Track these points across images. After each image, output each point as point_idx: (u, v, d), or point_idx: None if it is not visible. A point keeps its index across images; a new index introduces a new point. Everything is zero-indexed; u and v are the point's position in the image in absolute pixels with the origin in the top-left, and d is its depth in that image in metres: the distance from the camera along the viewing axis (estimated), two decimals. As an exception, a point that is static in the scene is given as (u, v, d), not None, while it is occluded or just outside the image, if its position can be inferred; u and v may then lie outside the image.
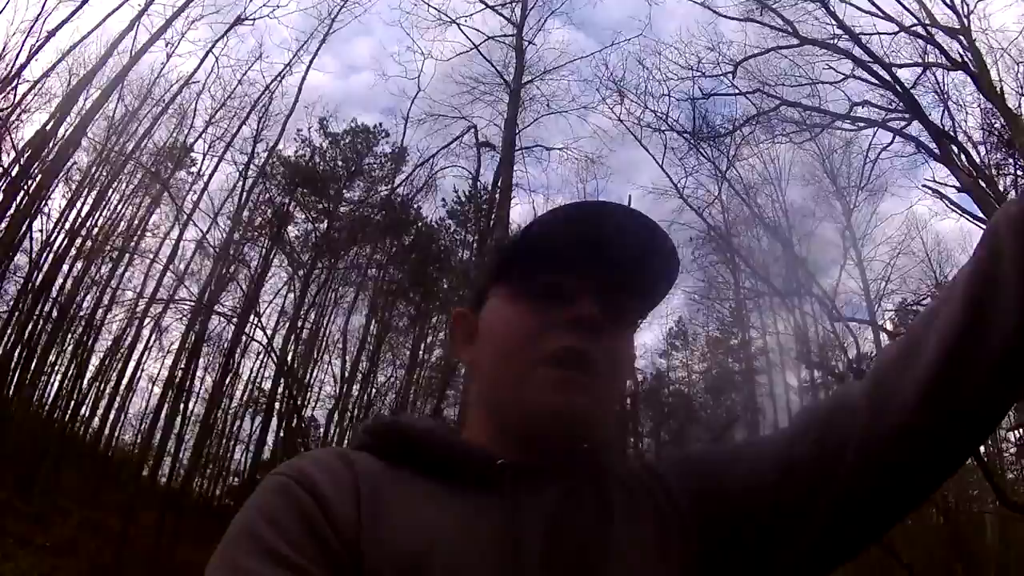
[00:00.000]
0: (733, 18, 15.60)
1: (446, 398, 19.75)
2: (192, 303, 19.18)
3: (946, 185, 13.85)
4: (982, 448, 12.00)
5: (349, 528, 0.81)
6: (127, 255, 20.08)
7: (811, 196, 20.60)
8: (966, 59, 13.60)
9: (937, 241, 20.45)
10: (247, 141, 20.95)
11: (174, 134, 20.83)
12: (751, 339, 23.28)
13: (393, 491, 0.87)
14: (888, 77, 13.44)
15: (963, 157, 12.92)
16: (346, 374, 21.35)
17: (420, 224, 23.37)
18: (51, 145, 16.83)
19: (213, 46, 19.71)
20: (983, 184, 12.64)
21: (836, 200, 20.26)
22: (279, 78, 20.90)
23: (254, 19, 19.72)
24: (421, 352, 23.73)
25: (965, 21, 14.17)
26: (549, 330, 0.92)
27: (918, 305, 20.45)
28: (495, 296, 1.00)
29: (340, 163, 24.11)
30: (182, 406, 19.67)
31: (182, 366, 19.54)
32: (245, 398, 22.36)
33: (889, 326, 19.25)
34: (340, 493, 0.85)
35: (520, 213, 17.59)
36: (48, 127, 16.56)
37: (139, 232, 20.99)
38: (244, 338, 19.81)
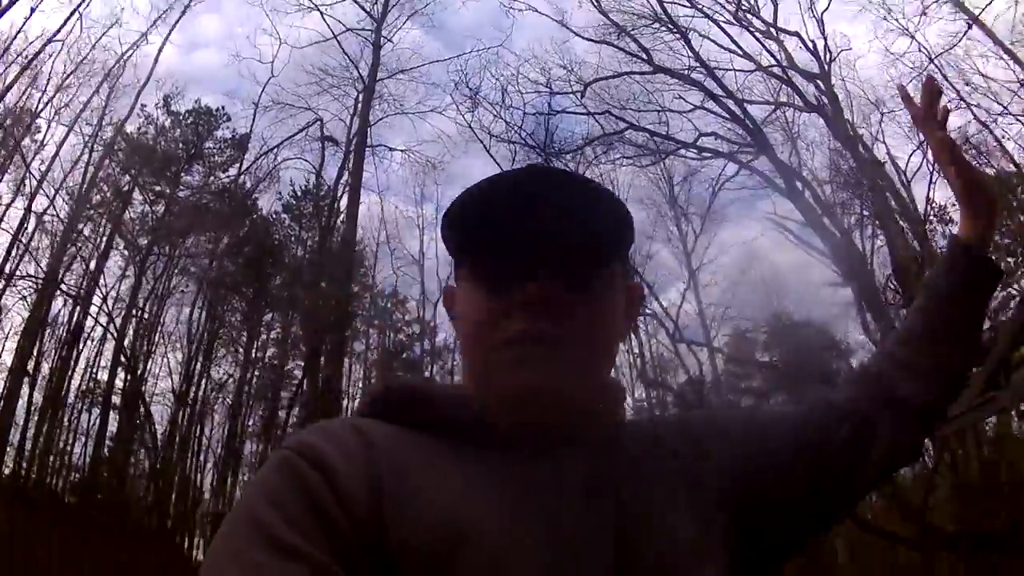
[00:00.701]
0: (589, 39, 16.04)
1: (279, 400, 19.25)
2: (39, 279, 17.93)
3: (789, 219, 14.44)
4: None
5: (363, 504, 0.78)
6: None
7: (651, 220, 21.03)
8: (822, 102, 14.22)
9: (775, 272, 21.31)
10: (95, 112, 19.82)
11: (24, 96, 19.25)
12: None
13: (416, 459, 0.85)
14: (739, 112, 13.89)
15: (808, 193, 13.39)
16: (189, 368, 20.47)
17: (256, 216, 22.51)
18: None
19: (80, 5, 18.61)
20: (827, 221, 13.19)
21: (674, 226, 20.99)
22: (134, 47, 19.90)
23: None
24: (255, 351, 22.78)
25: (825, 67, 14.86)
26: (506, 315, 0.91)
27: (751, 333, 21.53)
28: (461, 277, 1.00)
29: (181, 145, 22.73)
30: (25, 393, 18.14)
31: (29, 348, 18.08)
32: (83, 388, 20.68)
33: (725, 350, 20.10)
34: (353, 467, 0.81)
35: (363, 211, 17.36)
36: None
37: None
38: (87, 321, 18.81)
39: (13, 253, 18.13)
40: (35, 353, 18.42)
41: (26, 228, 18.51)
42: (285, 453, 0.82)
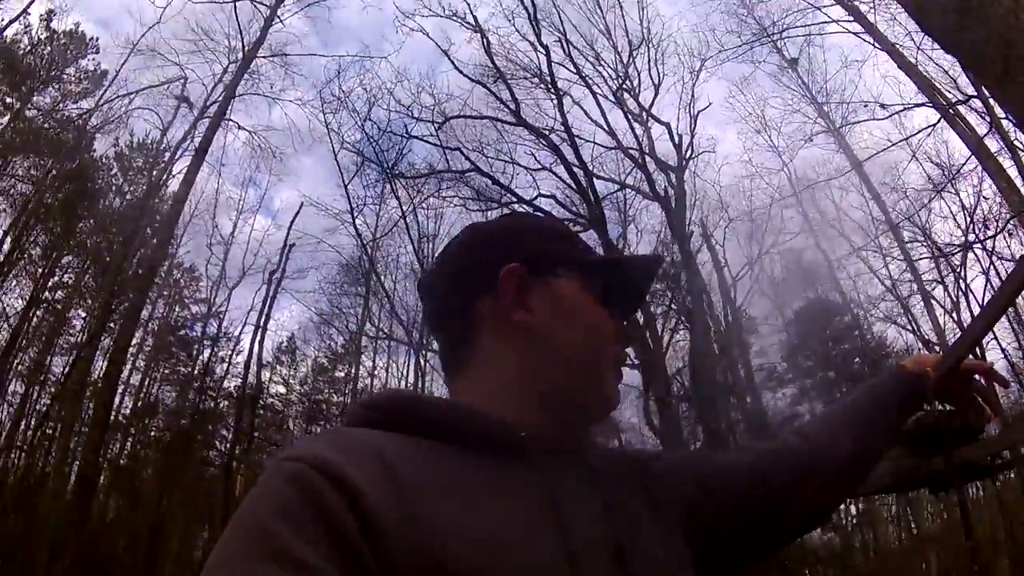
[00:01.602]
0: (467, 76, 16.21)
1: (53, 345, 18.22)
2: None
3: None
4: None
5: (389, 530, 0.73)
6: None
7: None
8: (668, 194, 14.88)
9: None
10: None
11: None
12: (358, 376, 23.97)
13: (435, 474, 0.82)
14: (585, 183, 14.37)
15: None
16: None
17: (88, 156, 21.57)
18: None
19: None
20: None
21: None
22: None
23: None
24: (45, 289, 21.47)
25: (684, 162, 15.58)
26: (616, 338, 1.05)
27: None
28: (569, 280, 1.03)
29: (45, 63, 21.60)
30: None
31: None
32: None
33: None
34: (375, 488, 0.75)
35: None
36: None
37: None
38: None
39: None
40: None
41: None
42: (298, 467, 0.75)
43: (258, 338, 20.16)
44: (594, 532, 0.88)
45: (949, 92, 13.12)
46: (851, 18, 14.63)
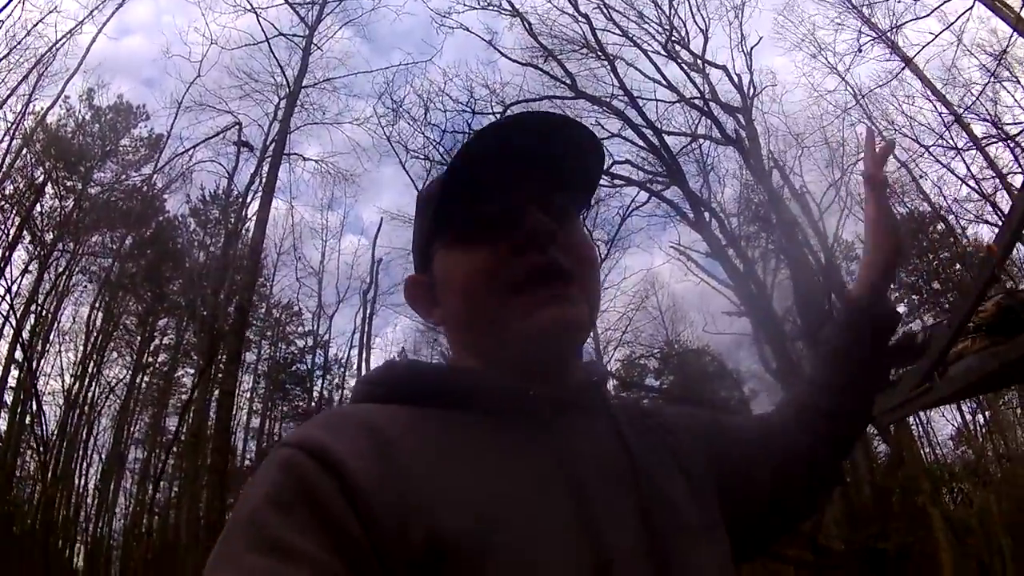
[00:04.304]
0: (516, 61, 16.34)
1: (167, 407, 18.86)
2: None
3: (693, 250, 14.98)
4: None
5: (381, 506, 0.73)
6: None
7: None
8: (740, 135, 14.83)
9: (673, 301, 21.91)
10: (21, 99, 19.39)
11: None
12: None
13: (433, 443, 0.82)
14: (656, 142, 14.39)
15: (715, 224, 13.90)
16: (84, 369, 20.00)
17: (162, 218, 22.45)
18: None
19: None
20: (731, 251, 13.71)
21: None
22: (69, 35, 19.47)
23: None
24: (147, 355, 22.45)
25: (748, 101, 15.49)
26: (510, 258, 0.91)
27: (645, 358, 22.05)
28: (441, 248, 0.98)
29: (98, 140, 22.57)
30: None
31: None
32: None
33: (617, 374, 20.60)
34: (360, 459, 0.76)
35: (273, 218, 17.39)
36: None
37: None
38: None
39: None
40: None
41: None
42: (288, 452, 0.77)
43: (364, 358, 20.59)
44: (613, 491, 0.87)
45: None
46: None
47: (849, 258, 20.42)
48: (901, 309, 22.01)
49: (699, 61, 16.17)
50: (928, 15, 12.28)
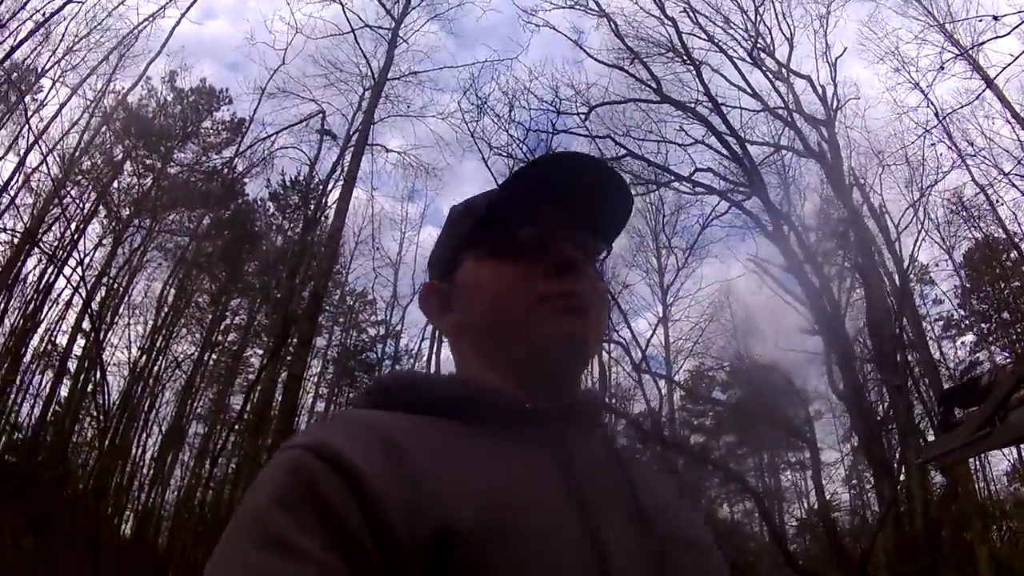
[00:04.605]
0: (602, 62, 16.32)
1: (232, 385, 19.18)
2: (17, 233, 18.20)
3: (770, 263, 14.86)
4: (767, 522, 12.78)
5: (380, 493, 0.75)
6: None
7: (632, 248, 21.80)
8: (823, 148, 14.73)
9: (746, 314, 21.64)
10: (101, 78, 20.18)
11: (33, 55, 19.66)
12: None
13: (441, 447, 0.85)
14: (739, 150, 14.32)
15: (794, 238, 13.77)
16: (151, 342, 20.53)
17: (242, 201, 23.02)
18: None
19: None
20: (808, 267, 13.60)
21: (655, 257, 21.68)
22: (151, 19, 20.15)
23: None
24: (216, 333, 23.11)
25: (832, 113, 15.36)
26: (539, 278, 0.98)
27: (713, 370, 21.94)
28: (471, 260, 1.04)
29: (179, 121, 23.33)
30: None
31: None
32: (41, 349, 20.90)
33: (685, 384, 20.53)
34: (370, 460, 0.78)
35: (353, 207, 17.64)
36: None
37: None
38: (58, 283, 19.21)
39: None
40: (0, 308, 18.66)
41: (15, 183, 18.93)
42: (296, 453, 0.78)
43: (435, 350, 20.86)
44: (612, 502, 0.90)
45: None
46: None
47: (923, 281, 20.13)
48: (969, 338, 21.59)
49: (783, 70, 16.10)
50: (1008, 34, 12.13)
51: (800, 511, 23.63)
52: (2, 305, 18.85)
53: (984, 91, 14.90)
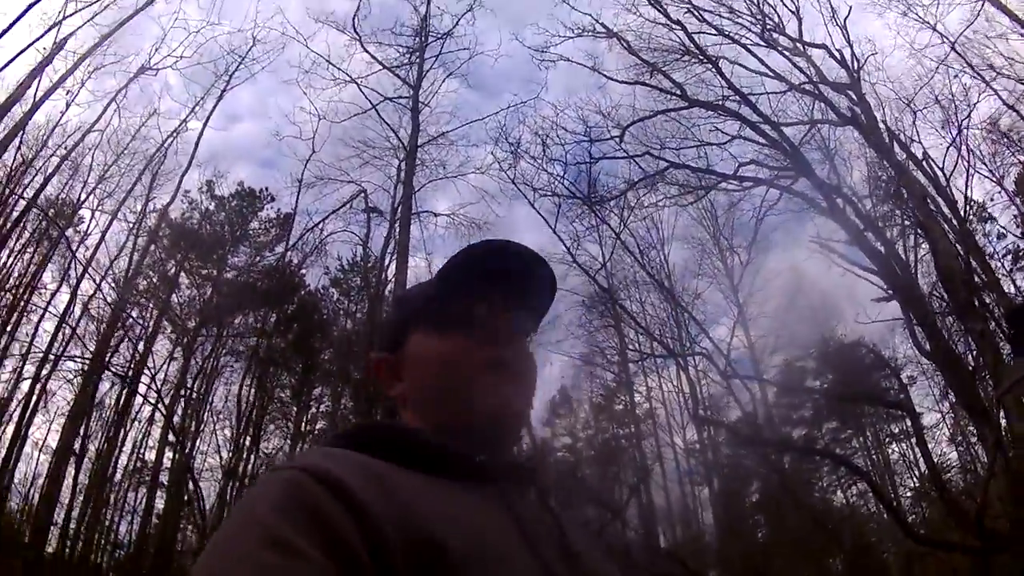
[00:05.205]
0: (623, 82, 16.55)
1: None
2: (86, 360, 18.77)
3: (833, 240, 14.85)
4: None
5: (376, 516, 0.80)
6: (16, 313, 19.45)
7: (695, 258, 21.93)
8: (855, 112, 14.70)
9: (823, 297, 21.47)
10: (138, 199, 21.11)
11: (66, 188, 20.79)
12: (636, 403, 24.01)
13: (402, 479, 0.92)
14: (776, 136, 14.42)
15: (850, 210, 13.77)
16: (238, 443, 20.90)
17: (304, 292, 23.54)
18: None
19: (116, 96, 20.06)
20: (871, 236, 13.58)
21: (720, 261, 21.70)
22: (175, 135, 21.29)
23: (157, 69, 20.42)
24: (304, 424, 23.75)
25: (855, 75, 15.28)
26: (477, 349, 1.13)
27: (801, 361, 21.71)
28: (418, 334, 1.19)
29: (226, 227, 24.13)
30: (71, 473, 19.00)
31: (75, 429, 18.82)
32: (131, 467, 21.58)
33: (776, 380, 20.36)
34: (360, 480, 0.84)
35: (412, 279, 17.84)
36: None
37: (29, 289, 20.31)
38: (135, 401, 19.75)
39: (59, 337, 19.41)
40: (81, 434, 19.26)
41: (72, 313, 19.72)
42: (290, 474, 0.84)
43: None
44: (549, 539, 1.01)
45: None
46: None
47: (983, 219, 19.85)
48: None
49: (798, 44, 16.06)
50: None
51: (912, 480, 23.18)
52: (83, 429, 19.33)
53: (983, 5, 14.87)
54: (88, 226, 21.41)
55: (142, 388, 19.35)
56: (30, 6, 16.18)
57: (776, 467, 15.76)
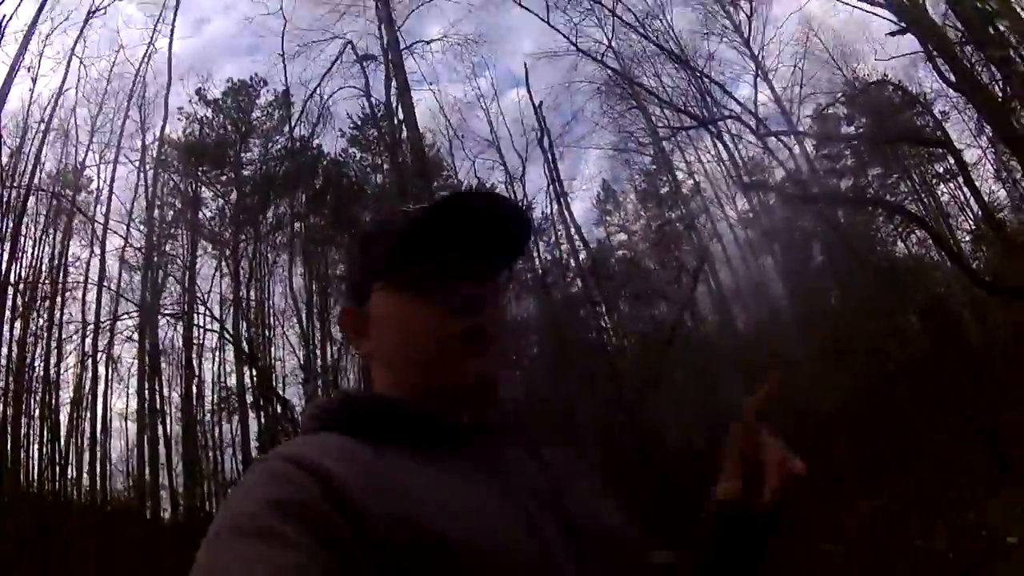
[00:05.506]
0: None
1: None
2: (138, 309, 18.90)
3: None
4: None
5: (358, 501, 0.83)
6: (59, 298, 19.31)
7: (700, 18, 20.84)
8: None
9: (836, 37, 20.67)
10: (134, 136, 20.96)
11: (63, 156, 20.52)
12: (680, 181, 23.74)
13: (394, 463, 0.93)
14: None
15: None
16: (308, 340, 20.73)
17: (326, 162, 23.23)
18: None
19: (73, 50, 19.64)
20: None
21: (725, 18, 20.69)
22: (146, 59, 20.75)
23: (105, 7, 19.76)
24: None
25: None
26: (445, 317, 1.07)
27: (831, 107, 21.07)
28: (380, 291, 1.12)
29: (229, 127, 23.67)
30: (160, 432, 19.21)
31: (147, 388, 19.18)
32: (216, 402, 21.64)
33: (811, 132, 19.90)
34: (342, 466, 0.86)
35: (422, 112, 17.58)
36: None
37: (62, 271, 20.14)
38: (197, 334, 19.94)
39: (105, 300, 19.35)
40: (158, 388, 19.44)
41: (106, 274, 19.72)
42: (272, 463, 0.87)
43: (564, 205, 21.35)
44: (537, 502, 0.99)
45: None
46: None
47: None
48: None
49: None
50: None
51: (968, 223, 22.90)
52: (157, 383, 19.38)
53: None
54: (98, 183, 21.25)
55: (200, 319, 19.65)
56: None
57: (832, 223, 15.72)
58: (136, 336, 19.22)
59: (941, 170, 22.88)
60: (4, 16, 17.53)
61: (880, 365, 12.21)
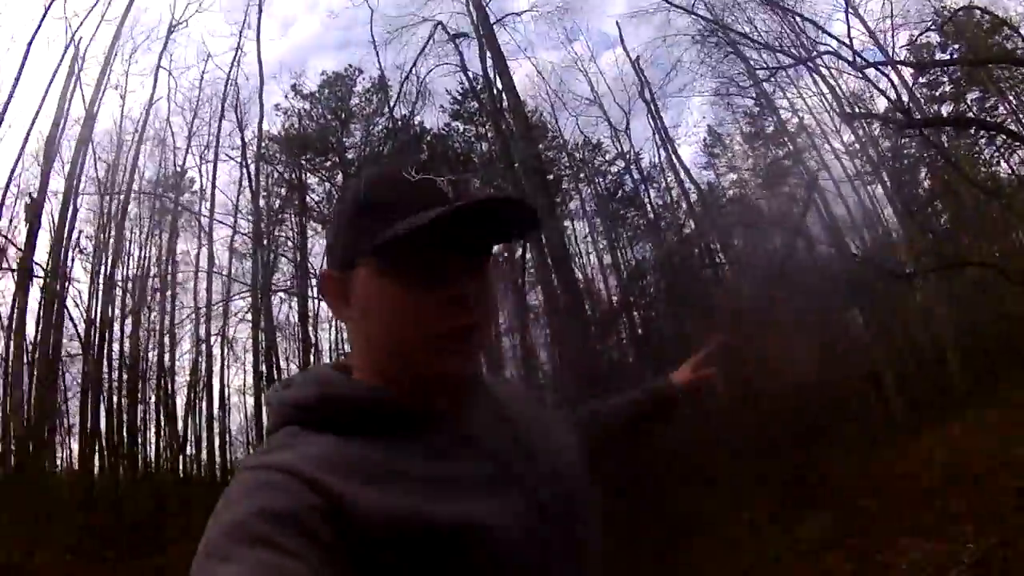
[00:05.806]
0: None
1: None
2: (249, 288, 19.55)
3: None
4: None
5: (347, 508, 0.85)
6: (169, 292, 19.92)
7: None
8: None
9: None
10: (232, 136, 21.56)
11: (162, 163, 21.06)
12: (784, 120, 23.36)
13: (372, 462, 0.94)
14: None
15: None
16: None
17: (429, 138, 23.57)
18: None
19: (159, 63, 20.13)
20: None
21: None
22: (235, 64, 21.38)
23: (187, 20, 20.33)
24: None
25: None
26: (432, 312, 1.02)
27: (926, 35, 20.72)
28: (366, 267, 1.04)
29: (328, 116, 24.17)
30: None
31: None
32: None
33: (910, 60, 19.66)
34: (333, 474, 0.88)
35: (520, 79, 18.02)
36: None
37: (170, 265, 20.63)
38: (313, 307, 20.13)
39: (216, 287, 19.86)
40: (273, 360, 19.56)
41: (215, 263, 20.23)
42: (256, 472, 0.88)
43: (671, 150, 21.43)
44: (522, 465, 1.07)
45: None
46: None
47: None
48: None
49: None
50: None
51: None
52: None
53: None
54: (201, 183, 21.68)
55: (313, 293, 19.64)
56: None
57: (937, 146, 15.74)
58: (250, 316, 19.83)
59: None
60: (82, 38, 18.14)
61: (993, 279, 12.30)
